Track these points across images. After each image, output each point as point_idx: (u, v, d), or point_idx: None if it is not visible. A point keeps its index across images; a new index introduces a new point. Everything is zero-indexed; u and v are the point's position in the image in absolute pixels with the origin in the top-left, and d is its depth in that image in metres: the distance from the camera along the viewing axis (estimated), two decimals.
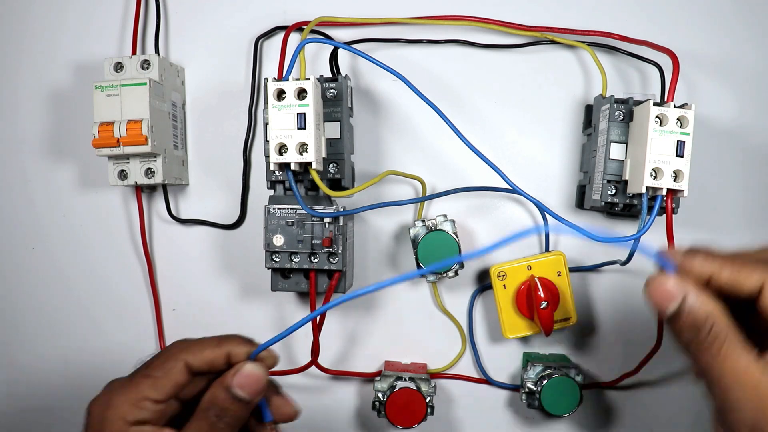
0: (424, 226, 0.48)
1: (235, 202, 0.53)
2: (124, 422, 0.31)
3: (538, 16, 0.50)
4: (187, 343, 0.34)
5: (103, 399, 0.32)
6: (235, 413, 0.32)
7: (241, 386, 0.32)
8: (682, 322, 0.30)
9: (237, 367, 0.32)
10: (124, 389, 0.32)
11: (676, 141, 0.40)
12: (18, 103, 0.54)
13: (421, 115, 0.51)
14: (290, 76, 0.43)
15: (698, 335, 0.29)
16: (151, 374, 0.32)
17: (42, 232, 0.55)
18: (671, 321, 0.30)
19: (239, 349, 0.33)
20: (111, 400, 0.32)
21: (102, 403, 0.32)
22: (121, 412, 0.31)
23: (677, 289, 0.30)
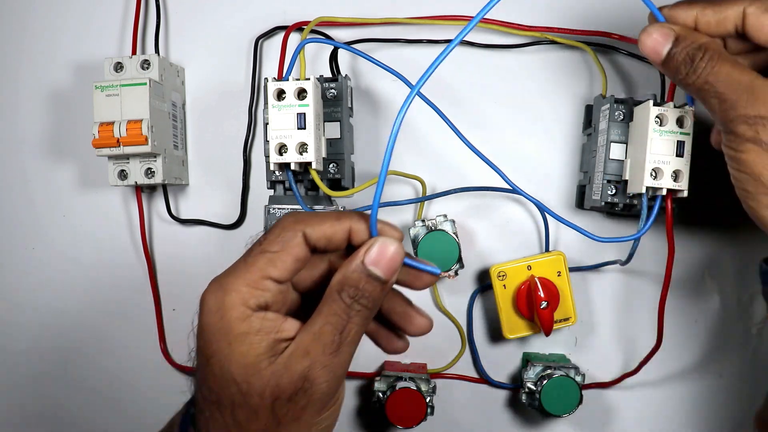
0: (424, 226, 0.48)
1: (235, 202, 0.53)
2: (245, 307, 0.28)
3: (538, 16, 0.50)
4: (303, 215, 0.30)
5: (219, 283, 0.29)
6: (372, 294, 0.29)
7: (376, 263, 0.28)
8: (677, 59, 0.33)
9: (370, 242, 0.29)
10: (241, 270, 0.28)
11: (676, 141, 0.40)
12: (18, 103, 0.54)
13: (421, 115, 0.51)
14: (290, 76, 0.43)
15: (694, 63, 0.33)
16: (268, 249, 0.29)
17: (42, 232, 0.55)
18: (667, 64, 0.34)
19: (361, 225, 0.30)
20: (228, 283, 0.28)
21: (218, 288, 0.28)
22: (240, 296, 0.28)
23: (667, 33, 0.33)
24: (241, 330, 0.28)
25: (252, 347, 0.28)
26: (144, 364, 0.55)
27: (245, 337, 0.28)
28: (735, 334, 0.51)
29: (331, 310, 0.29)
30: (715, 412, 0.51)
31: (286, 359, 0.28)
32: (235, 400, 0.28)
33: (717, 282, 0.51)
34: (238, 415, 0.28)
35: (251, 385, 0.28)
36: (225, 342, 0.28)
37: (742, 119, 0.32)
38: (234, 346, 0.28)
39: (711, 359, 0.51)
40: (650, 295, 0.50)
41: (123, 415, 0.55)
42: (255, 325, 0.28)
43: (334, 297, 0.29)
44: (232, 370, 0.28)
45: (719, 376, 0.51)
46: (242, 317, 0.28)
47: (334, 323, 0.28)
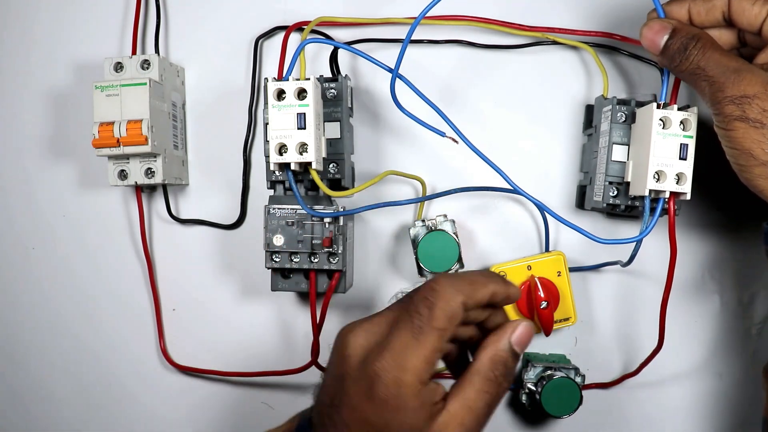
0: (424, 226, 0.48)
1: (235, 202, 0.53)
2: (420, 383, 0.30)
3: (538, 16, 0.50)
4: (458, 282, 0.31)
5: (395, 360, 0.30)
6: (513, 371, 0.33)
7: (520, 343, 0.33)
8: (673, 48, 0.37)
9: (515, 324, 0.33)
10: (415, 348, 0.30)
11: (679, 144, 0.40)
12: (18, 103, 0.54)
13: (421, 115, 0.51)
14: (290, 76, 0.43)
15: (687, 50, 0.36)
16: (438, 327, 0.30)
17: (42, 232, 0.55)
18: (664, 53, 0.38)
19: (501, 288, 0.33)
20: (406, 362, 0.30)
21: (395, 366, 0.30)
22: (418, 375, 0.30)
23: (663, 25, 0.37)
24: (414, 405, 0.30)
25: (418, 417, 0.30)
26: (143, 364, 0.55)
27: (416, 410, 0.30)
28: (735, 334, 0.51)
29: (484, 385, 0.31)
30: (716, 413, 0.51)
31: (442, 427, 0.30)
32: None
33: (717, 282, 0.51)
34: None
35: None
36: (393, 412, 0.30)
37: (729, 99, 0.35)
38: (402, 416, 0.30)
39: (711, 359, 0.51)
40: (650, 295, 0.50)
41: (122, 415, 0.55)
42: (425, 397, 0.30)
43: (487, 374, 0.32)
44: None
45: (719, 377, 0.51)
46: (417, 393, 0.30)
47: (487, 399, 0.31)
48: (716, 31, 0.40)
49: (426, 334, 0.30)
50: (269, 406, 0.54)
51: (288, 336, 0.53)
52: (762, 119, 0.34)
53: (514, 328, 0.33)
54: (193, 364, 0.54)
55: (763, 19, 0.37)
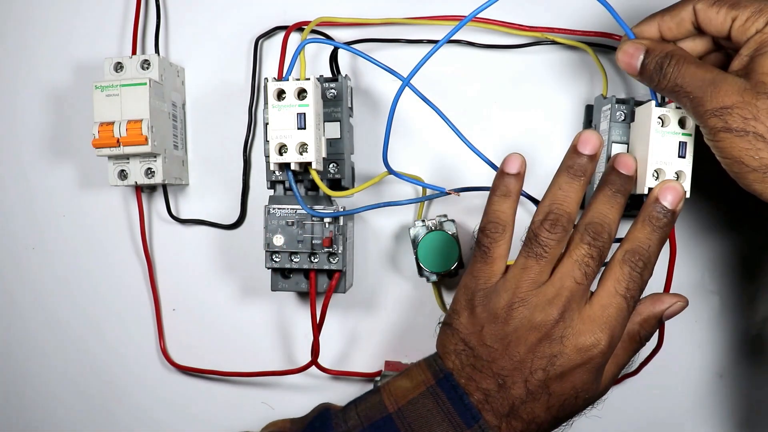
0: (424, 226, 0.48)
1: (235, 202, 0.53)
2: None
3: (538, 16, 0.50)
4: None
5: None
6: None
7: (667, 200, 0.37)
8: (650, 68, 0.37)
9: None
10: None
11: (678, 142, 0.40)
12: (18, 103, 0.54)
13: (421, 115, 0.51)
14: (290, 76, 0.43)
15: (663, 69, 0.36)
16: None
17: (42, 232, 0.55)
18: (642, 74, 0.38)
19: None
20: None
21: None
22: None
23: (637, 47, 0.38)
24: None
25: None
26: (143, 364, 0.55)
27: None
28: (735, 334, 0.51)
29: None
30: (716, 413, 0.51)
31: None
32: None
33: (717, 282, 0.51)
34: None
35: None
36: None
37: (710, 113, 0.35)
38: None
39: (711, 359, 0.51)
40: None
41: (122, 415, 0.55)
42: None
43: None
44: None
45: (719, 376, 0.51)
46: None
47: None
48: (690, 41, 0.40)
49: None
50: (269, 406, 0.54)
51: (288, 336, 0.53)
52: (745, 127, 0.34)
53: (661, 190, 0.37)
54: (193, 364, 0.54)
55: (729, 25, 0.36)
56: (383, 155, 0.43)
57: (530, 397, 0.35)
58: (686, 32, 0.39)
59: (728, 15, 0.36)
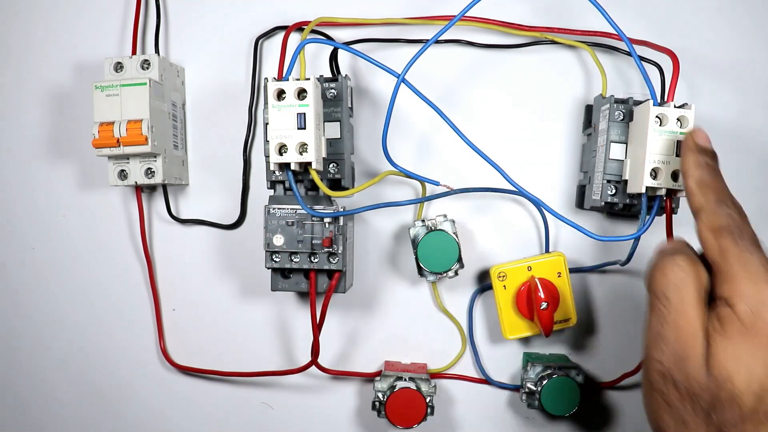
0: (424, 226, 0.48)
1: (235, 202, 0.53)
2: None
3: (538, 16, 0.50)
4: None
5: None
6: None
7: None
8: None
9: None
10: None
11: (675, 141, 0.40)
12: (18, 103, 0.54)
13: (421, 115, 0.51)
14: (290, 76, 0.43)
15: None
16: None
17: (42, 232, 0.55)
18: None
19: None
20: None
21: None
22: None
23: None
24: None
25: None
26: (143, 364, 0.55)
27: None
28: None
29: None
30: None
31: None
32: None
33: None
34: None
35: None
36: None
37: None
38: None
39: None
40: None
41: (122, 415, 0.55)
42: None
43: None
44: None
45: None
46: None
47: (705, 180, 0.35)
48: None
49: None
50: (269, 406, 0.54)
51: (288, 336, 0.53)
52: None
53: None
54: (193, 364, 0.54)
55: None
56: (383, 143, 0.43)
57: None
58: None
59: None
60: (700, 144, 0.36)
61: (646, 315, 0.32)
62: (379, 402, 0.48)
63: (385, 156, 0.44)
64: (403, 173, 0.47)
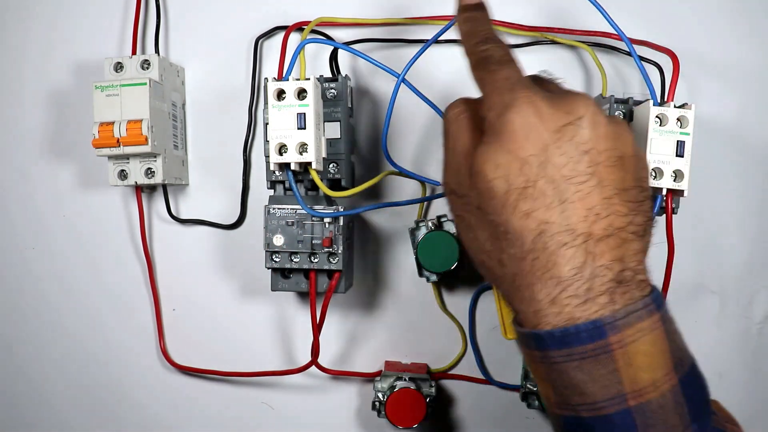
0: (424, 226, 0.48)
1: (235, 202, 0.53)
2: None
3: (538, 16, 0.50)
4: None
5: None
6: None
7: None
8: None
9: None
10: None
11: (676, 141, 0.40)
12: (18, 103, 0.54)
13: (421, 115, 0.51)
14: (290, 76, 0.43)
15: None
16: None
17: (42, 232, 0.55)
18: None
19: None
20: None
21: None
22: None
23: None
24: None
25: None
26: (143, 364, 0.55)
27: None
28: (735, 334, 0.51)
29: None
30: None
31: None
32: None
33: (717, 282, 0.51)
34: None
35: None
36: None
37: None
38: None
39: (711, 359, 0.51)
40: None
41: (122, 415, 0.55)
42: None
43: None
44: None
45: (719, 376, 0.51)
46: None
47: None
48: None
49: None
50: (269, 406, 0.54)
51: (288, 336, 0.53)
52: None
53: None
54: (193, 364, 0.54)
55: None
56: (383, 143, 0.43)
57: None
58: None
59: None
60: (462, 3, 0.37)
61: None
62: (379, 402, 0.48)
63: (385, 156, 0.45)
64: (403, 173, 0.47)
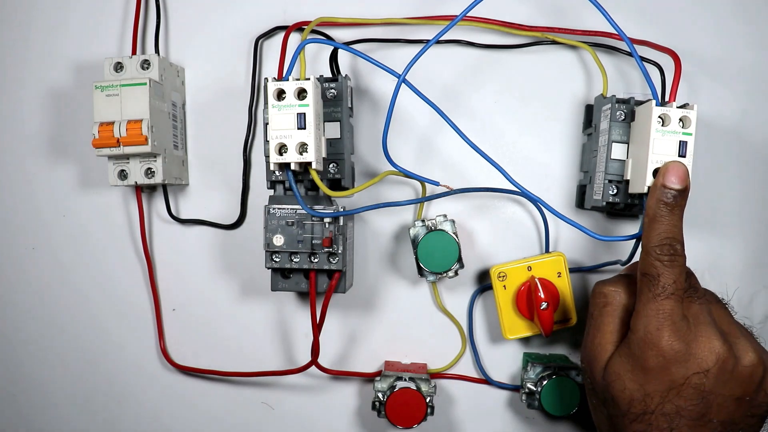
0: (424, 226, 0.48)
1: (235, 202, 0.53)
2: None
3: (538, 16, 0.50)
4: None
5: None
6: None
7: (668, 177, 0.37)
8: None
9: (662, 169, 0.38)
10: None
11: (678, 141, 0.40)
12: (18, 103, 0.54)
13: (421, 115, 0.51)
14: (290, 76, 0.43)
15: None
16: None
17: (42, 232, 0.55)
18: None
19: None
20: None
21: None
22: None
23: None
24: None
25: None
26: (143, 364, 0.55)
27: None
28: None
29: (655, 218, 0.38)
30: None
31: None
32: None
33: (717, 282, 0.51)
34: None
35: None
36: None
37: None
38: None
39: None
40: None
41: (122, 415, 0.55)
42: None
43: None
44: None
45: None
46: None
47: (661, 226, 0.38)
48: None
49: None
50: (269, 406, 0.54)
51: (288, 336, 0.53)
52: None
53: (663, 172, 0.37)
54: (193, 364, 0.54)
55: None
56: (383, 143, 0.43)
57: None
58: None
59: None
60: (666, 183, 0.37)
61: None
62: (379, 402, 0.48)
63: (385, 156, 0.44)
64: (403, 173, 0.47)
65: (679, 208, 0.36)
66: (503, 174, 0.45)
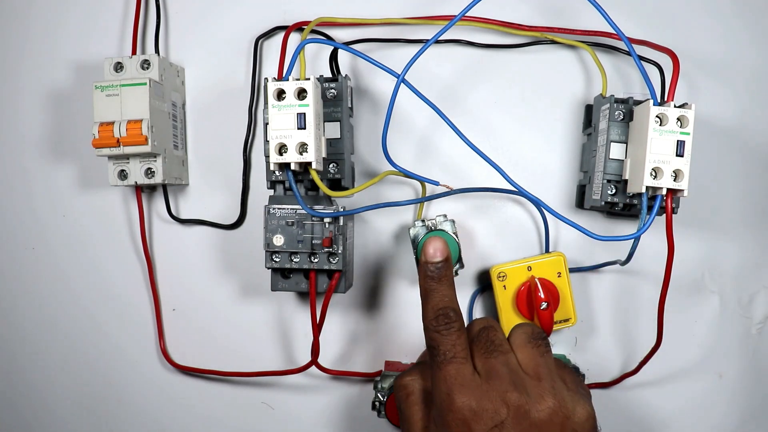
0: (424, 226, 0.48)
1: (235, 202, 0.53)
2: None
3: (537, 15, 0.50)
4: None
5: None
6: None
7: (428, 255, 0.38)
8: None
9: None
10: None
11: (676, 141, 0.40)
12: (18, 103, 0.54)
13: (421, 115, 0.51)
14: (290, 76, 0.43)
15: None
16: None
17: (42, 232, 0.55)
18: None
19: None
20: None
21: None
22: None
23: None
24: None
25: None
26: (143, 364, 0.55)
27: None
28: (735, 334, 0.51)
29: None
30: (716, 412, 0.51)
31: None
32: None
33: (717, 282, 0.51)
34: None
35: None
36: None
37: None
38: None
39: (711, 359, 0.51)
40: (650, 295, 0.50)
41: (122, 415, 0.55)
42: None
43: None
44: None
45: (719, 376, 0.51)
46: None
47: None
48: None
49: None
50: (269, 406, 0.54)
51: (288, 336, 0.53)
52: None
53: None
54: (193, 364, 0.54)
55: None
56: (383, 143, 0.43)
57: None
58: None
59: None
60: (428, 260, 0.38)
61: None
62: (379, 402, 0.48)
63: (385, 156, 0.44)
64: (403, 173, 0.47)
65: (446, 278, 0.38)
66: (502, 174, 0.45)
